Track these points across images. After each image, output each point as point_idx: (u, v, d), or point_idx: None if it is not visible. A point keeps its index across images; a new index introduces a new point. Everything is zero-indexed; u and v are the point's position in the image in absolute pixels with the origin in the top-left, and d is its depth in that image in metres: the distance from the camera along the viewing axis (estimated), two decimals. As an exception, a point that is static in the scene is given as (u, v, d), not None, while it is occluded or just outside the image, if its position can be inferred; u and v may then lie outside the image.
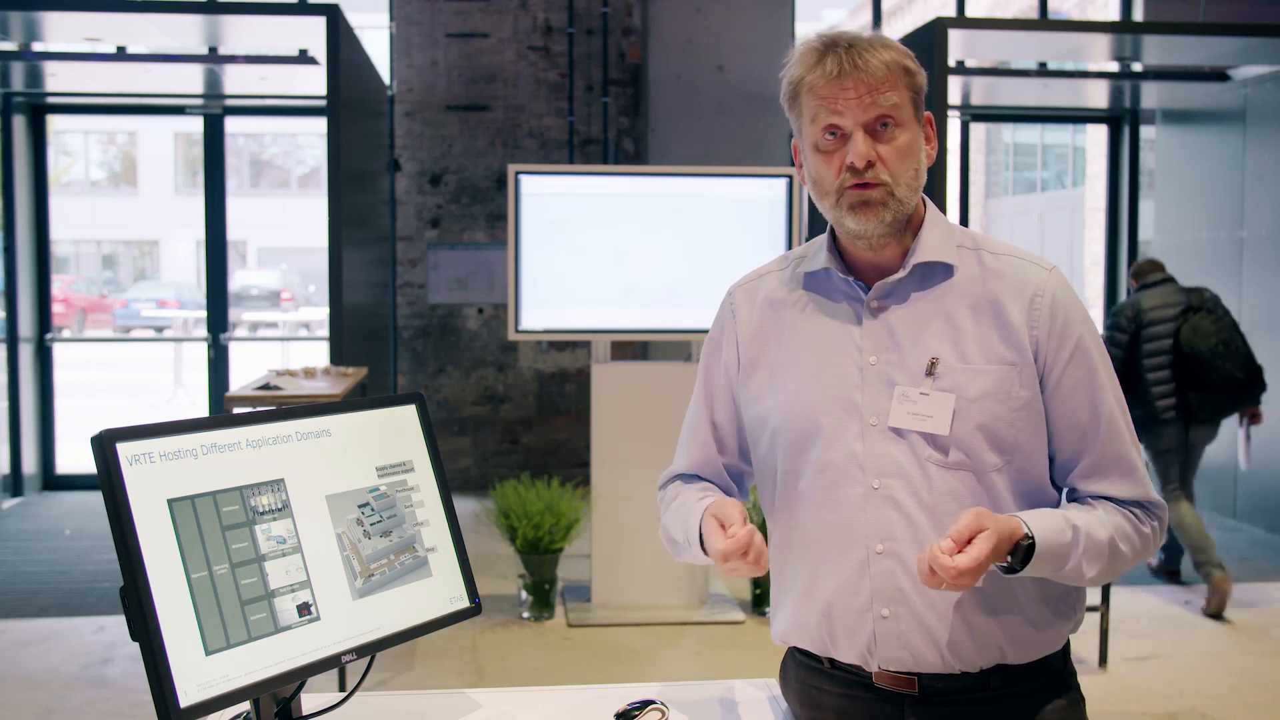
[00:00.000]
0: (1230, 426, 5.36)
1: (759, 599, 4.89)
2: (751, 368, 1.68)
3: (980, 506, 1.52)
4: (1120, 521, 1.55)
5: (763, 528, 2.22)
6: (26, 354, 7.10)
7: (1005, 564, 1.48)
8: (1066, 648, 1.65)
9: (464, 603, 1.65)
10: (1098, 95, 7.30)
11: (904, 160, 1.54)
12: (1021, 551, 1.46)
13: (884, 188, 1.53)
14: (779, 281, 1.69)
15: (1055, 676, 1.62)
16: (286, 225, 26.14)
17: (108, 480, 1.33)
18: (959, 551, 1.40)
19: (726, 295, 1.75)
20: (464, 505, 6.34)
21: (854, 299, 1.61)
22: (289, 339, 16.74)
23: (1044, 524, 1.49)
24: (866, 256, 1.61)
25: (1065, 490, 1.62)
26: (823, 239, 1.65)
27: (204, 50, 6.32)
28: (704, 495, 1.69)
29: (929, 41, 4.83)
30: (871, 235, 1.56)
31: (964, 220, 8.12)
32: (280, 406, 1.99)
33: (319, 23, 5.20)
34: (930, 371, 1.55)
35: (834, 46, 1.53)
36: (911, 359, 1.56)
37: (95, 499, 6.89)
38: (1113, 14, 8.52)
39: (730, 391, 1.72)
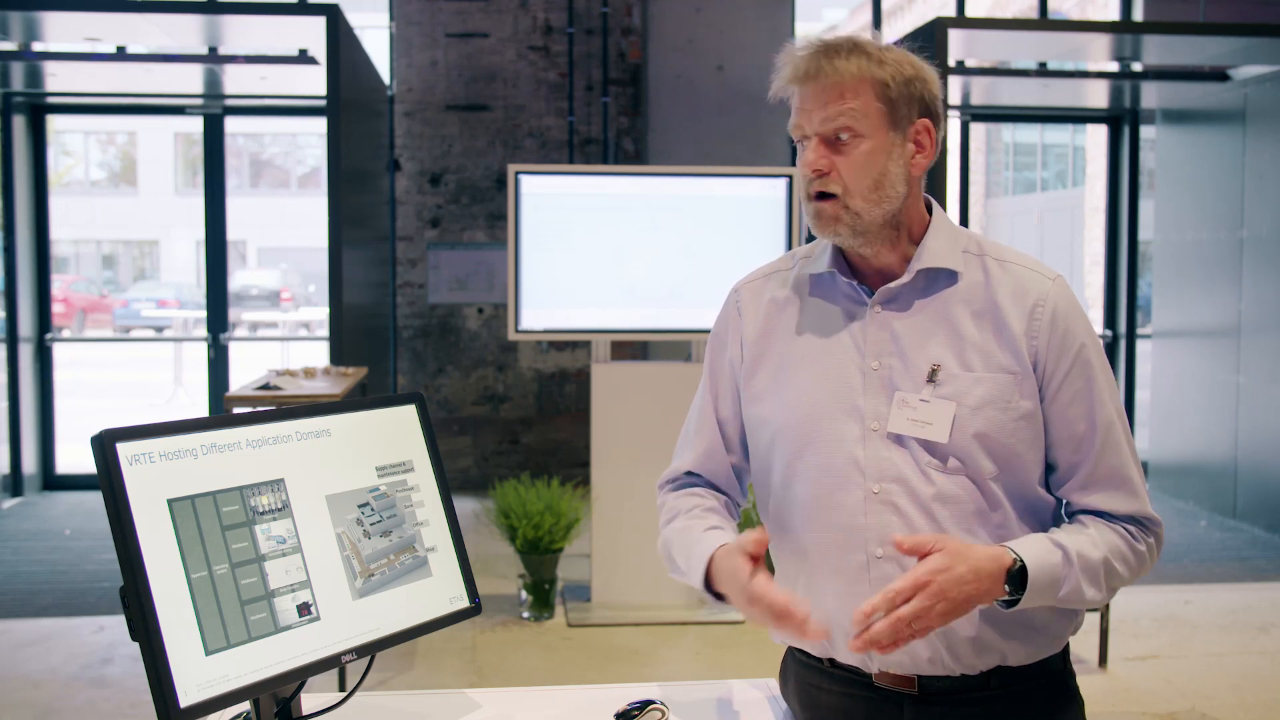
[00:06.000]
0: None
1: (759, 599, 4.88)
2: (755, 367, 1.67)
3: (979, 511, 1.52)
4: (1114, 539, 1.54)
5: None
6: (26, 354, 7.09)
7: (1005, 596, 1.46)
8: (1066, 648, 1.64)
9: (464, 603, 1.65)
10: (1098, 95, 7.30)
11: (860, 171, 1.51)
12: (1015, 578, 1.45)
13: (836, 201, 1.52)
14: (783, 281, 1.69)
15: (1055, 677, 1.62)
16: (286, 225, 26.15)
17: (108, 480, 1.33)
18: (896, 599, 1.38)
19: (731, 293, 1.74)
20: (464, 505, 6.34)
21: (857, 302, 1.60)
22: (289, 339, 16.73)
23: (1030, 548, 1.47)
24: (861, 261, 1.61)
25: (1063, 503, 1.60)
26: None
27: (204, 50, 6.32)
28: (710, 524, 1.64)
29: (929, 41, 4.83)
30: (841, 243, 1.58)
31: (964, 220, 8.12)
32: (280, 406, 1.99)
33: (319, 23, 5.20)
34: (932, 378, 1.54)
35: (807, 49, 1.53)
36: (913, 365, 1.55)
37: (95, 499, 6.89)
38: (1113, 14, 8.52)
39: (735, 388, 1.71)
